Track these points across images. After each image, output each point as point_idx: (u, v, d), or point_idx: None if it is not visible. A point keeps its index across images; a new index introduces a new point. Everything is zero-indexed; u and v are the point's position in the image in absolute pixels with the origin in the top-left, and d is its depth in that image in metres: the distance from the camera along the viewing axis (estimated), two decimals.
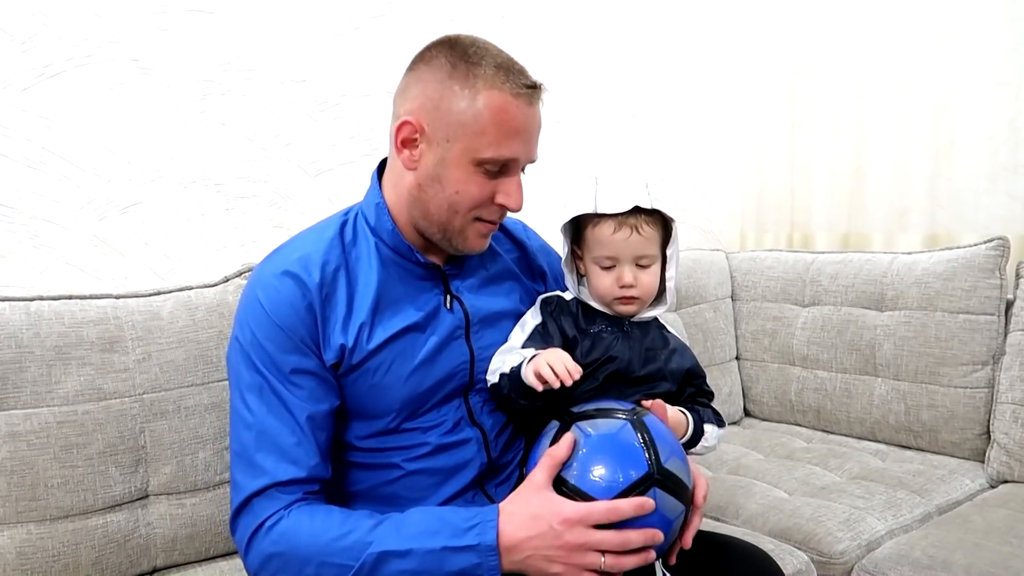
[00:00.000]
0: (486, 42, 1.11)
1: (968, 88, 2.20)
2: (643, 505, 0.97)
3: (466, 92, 1.06)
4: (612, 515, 0.97)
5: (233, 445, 1.10)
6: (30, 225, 1.56)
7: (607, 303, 1.20)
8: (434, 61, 1.09)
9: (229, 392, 1.14)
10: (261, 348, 1.09)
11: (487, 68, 1.06)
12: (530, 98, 1.09)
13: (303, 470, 1.07)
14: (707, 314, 2.28)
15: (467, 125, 1.06)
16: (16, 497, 1.27)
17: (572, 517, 0.97)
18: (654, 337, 1.21)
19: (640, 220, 1.15)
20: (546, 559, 0.98)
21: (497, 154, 1.08)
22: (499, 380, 1.15)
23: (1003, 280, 1.89)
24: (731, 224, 2.79)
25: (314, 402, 1.09)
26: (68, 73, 1.58)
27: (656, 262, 1.19)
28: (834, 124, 2.50)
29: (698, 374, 1.25)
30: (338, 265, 1.13)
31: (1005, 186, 2.17)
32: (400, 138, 1.10)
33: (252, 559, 1.07)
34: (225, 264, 1.73)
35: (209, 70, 1.74)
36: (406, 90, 1.11)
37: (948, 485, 1.77)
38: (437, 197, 1.11)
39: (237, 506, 1.07)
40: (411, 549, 1.00)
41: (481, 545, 0.98)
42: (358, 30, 1.94)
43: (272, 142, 1.83)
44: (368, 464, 1.16)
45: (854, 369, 2.08)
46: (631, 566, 0.98)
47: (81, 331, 1.36)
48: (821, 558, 1.52)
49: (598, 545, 0.97)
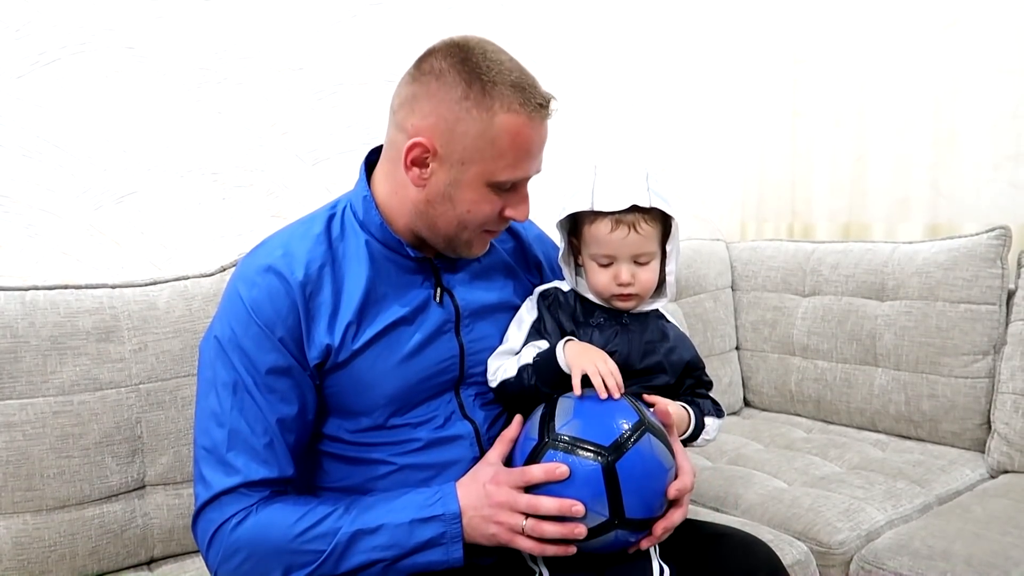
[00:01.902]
0: (496, 50, 1.08)
1: (971, 77, 2.18)
2: (552, 471, 1.00)
3: (482, 115, 1.04)
4: (525, 477, 1.02)
5: (201, 440, 1.08)
6: (25, 214, 1.55)
7: (604, 299, 1.19)
8: (446, 77, 1.05)
9: (198, 385, 1.11)
10: (239, 346, 1.07)
11: (503, 88, 1.04)
12: (543, 116, 1.08)
13: (274, 471, 1.07)
14: (707, 304, 2.28)
15: (483, 150, 1.05)
16: (12, 487, 1.27)
17: (499, 477, 1.05)
18: (653, 329, 1.19)
19: (638, 218, 1.12)
20: (483, 519, 1.04)
21: (512, 176, 1.08)
22: (519, 374, 1.13)
23: (1005, 270, 1.88)
24: (731, 213, 2.78)
25: (287, 404, 1.08)
26: (63, 61, 1.57)
27: (655, 258, 1.17)
28: (835, 113, 2.49)
29: (697, 365, 1.24)
30: (324, 262, 1.11)
31: (1007, 175, 2.15)
32: (410, 157, 1.07)
33: (214, 555, 1.07)
34: (222, 253, 1.71)
35: (205, 58, 1.72)
36: (414, 102, 1.07)
37: (948, 475, 1.76)
38: (447, 215, 1.10)
39: (204, 501, 1.06)
40: (381, 524, 1.04)
41: (446, 514, 1.05)
42: (355, 17, 1.92)
43: (269, 131, 1.82)
44: (357, 459, 1.15)
45: (854, 359, 2.07)
46: (551, 534, 1.01)
47: (77, 321, 1.35)
48: (820, 548, 1.51)
49: (515, 505, 1.02)
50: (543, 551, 1.03)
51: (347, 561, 1.04)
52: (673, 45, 2.58)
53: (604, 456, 1.00)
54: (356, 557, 1.04)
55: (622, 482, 1.00)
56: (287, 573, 1.04)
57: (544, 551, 1.03)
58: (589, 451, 1.01)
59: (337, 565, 1.04)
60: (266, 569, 1.05)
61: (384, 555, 1.04)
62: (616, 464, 1.00)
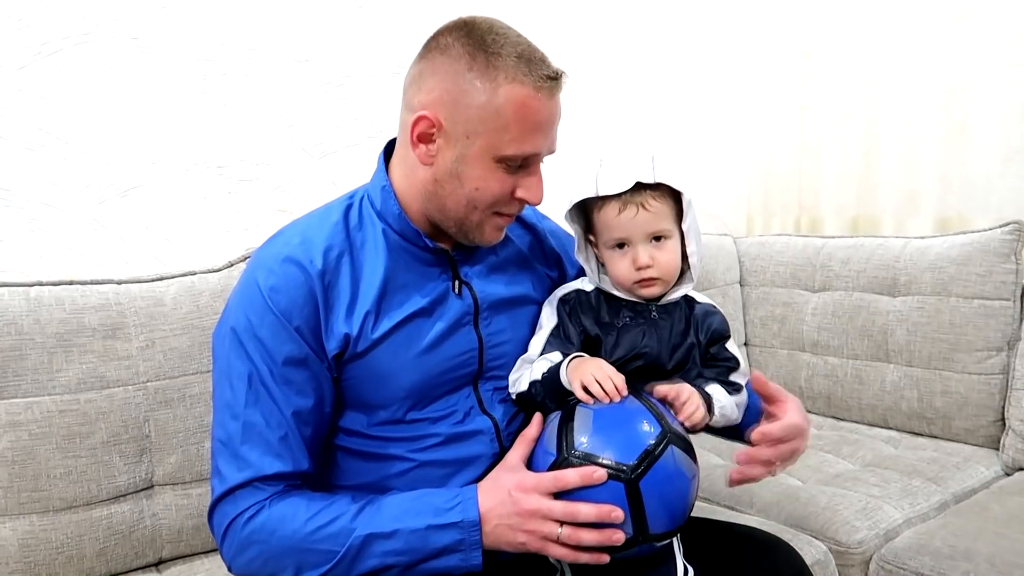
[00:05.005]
0: (504, 26, 1.06)
1: (981, 69, 2.16)
2: (589, 475, 0.96)
3: (486, 86, 1.02)
4: (559, 483, 0.98)
5: (217, 432, 1.07)
6: (28, 208, 1.52)
7: (628, 288, 1.15)
8: (451, 50, 1.04)
9: (214, 376, 1.10)
10: (255, 336, 1.05)
11: (508, 59, 1.02)
12: (552, 90, 1.05)
13: (288, 465, 1.05)
14: (715, 299, 2.21)
15: (488, 121, 1.02)
16: (18, 488, 1.24)
17: (526, 484, 1.00)
18: (682, 320, 1.16)
19: (645, 196, 1.10)
20: (509, 528, 1.00)
21: (519, 151, 1.05)
22: (529, 389, 1.12)
23: (1019, 265, 1.86)
24: (738, 208, 2.76)
25: (303, 397, 1.06)
26: (66, 51, 1.53)
27: (672, 237, 1.13)
28: (843, 106, 2.46)
29: (722, 335, 1.19)
30: (342, 251, 1.09)
31: (1017, 169, 2.14)
32: (416, 133, 1.05)
33: (228, 548, 1.05)
34: (228, 248, 1.68)
35: (210, 49, 1.69)
36: (420, 79, 1.06)
37: (963, 473, 1.75)
38: (455, 193, 1.07)
39: (219, 495, 1.05)
40: (397, 530, 1.01)
41: (464, 521, 1.01)
42: (362, 8, 1.89)
43: (275, 123, 1.79)
44: (374, 455, 1.12)
45: (866, 355, 2.05)
46: (589, 542, 0.98)
47: (82, 317, 1.32)
48: (839, 548, 1.49)
49: (549, 513, 0.98)
50: (577, 559, 0.99)
51: (361, 564, 1.02)
52: (679, 39, 2.55)
53: (626, 474, 0.97)
54: (370, 561, 1.02)
55: (645, 499, 0.97)
56: (299, 571, 1.02)
57: (578, 559, 0.99)
58: (610, 468, 0.98)
59: (350, 568, 1.02)
60: (278, 565, 1.03)
61: (399, 560, 1.02)
62: (639, 482, 0.97)
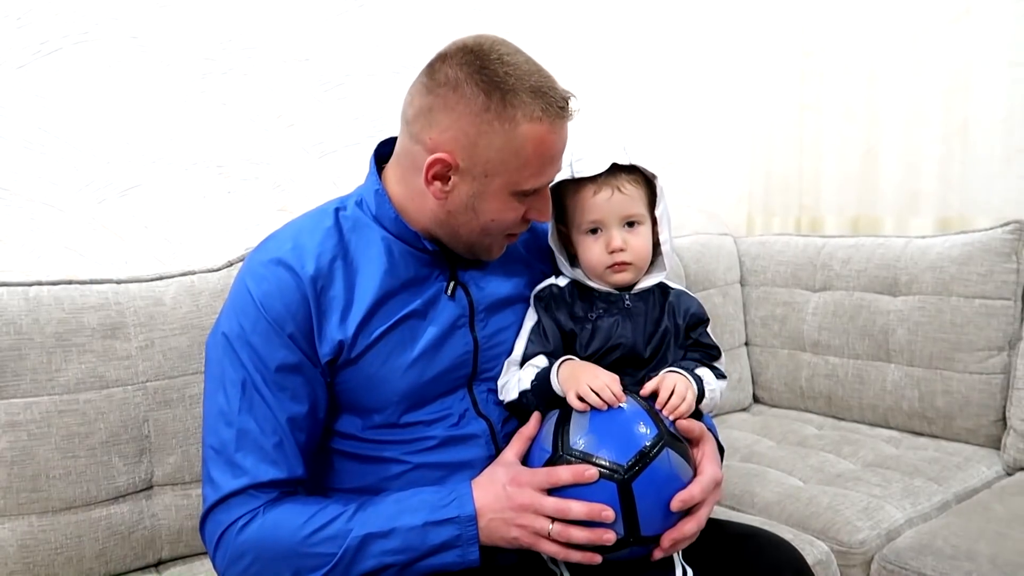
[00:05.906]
0: (511, 51, 1.04)
1: (982, 69, 2.15)
2: (581, 473, 0.97)
3: (505, 127, 1.01)
4: (552, 479, 0.99)
5: (210, 439, 1.06)
6: (27, 208, 1.52)
7: (600, 275, 1.15)
8: (463, 88, 1.01)
9: (206, 383, 1.09)
10: (247, 343, 1.05)
11: (523, 95, 1.01)
12: (565, 119, 1.06)
13: (283, 471, 1.04)
14: (716, 299, 2.25)
15: (508, 162, 1.03)
16: (17, 488, 1.24)
17: (520, 479, 1.01)
18: (658, 307, 1.16)
19: (621, 179, 1.12)
20: (503, 522, 1.01)
21: (538, 183, 1.07)
22: (520, 399, 1.12)
23: (1020, 264, 1.85)
24: (738, 207, 2.75)
25: (297, 402, 1.05)
26: (65, 50, 1.53)
27: (645, 223, 1.15)
28: (844, 105, 2.45)
29: (700, 319, 1.18)
30: (335, 255, 1.09)
31: (1019, 169, 2.12)
32: (431, 173, 1.04)
33: (221, 557, 1.04)
34: (227, 248, 1.67)
35: (210, 48, 1.68)
36: (430, 115, 1.04)
37: (964, 472, 1.74)
38: (469, 224, 1.08)
39: (212, 503, 1.04)
40: (393, 528, 1.01)
41: (460, 517, 1.01)
42: (362, 8, 1.88)
43: (275, 123, 1.78)
44: (370, 458, 1.12)
45: (866, 355, 2.05)
46: (579, 539, 0.98)
47: (81, 317, 1.32)
48: (841, 548, 1.49)
49: (541, 508, 0.99)
50: (568, 556, 1.00)
51: (359, 565, 1.01)
52: (680, 38, 2.54)
53: (620, 474, 0.97)
54: (368, 561, 1.01)
55: (638, 500, 0.97)
56: None
57: (569, 556, 1.00)
58: (604, 468, 0.98)
59: (348, 570, 1.01)
60: (275, 572, 1.02)
61: (397, 559, 1.01)
62: (632, 483, 0.97)
